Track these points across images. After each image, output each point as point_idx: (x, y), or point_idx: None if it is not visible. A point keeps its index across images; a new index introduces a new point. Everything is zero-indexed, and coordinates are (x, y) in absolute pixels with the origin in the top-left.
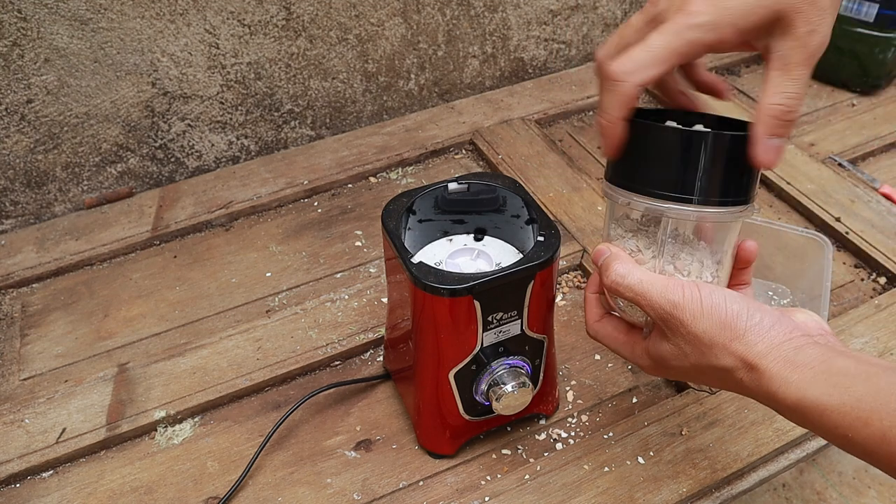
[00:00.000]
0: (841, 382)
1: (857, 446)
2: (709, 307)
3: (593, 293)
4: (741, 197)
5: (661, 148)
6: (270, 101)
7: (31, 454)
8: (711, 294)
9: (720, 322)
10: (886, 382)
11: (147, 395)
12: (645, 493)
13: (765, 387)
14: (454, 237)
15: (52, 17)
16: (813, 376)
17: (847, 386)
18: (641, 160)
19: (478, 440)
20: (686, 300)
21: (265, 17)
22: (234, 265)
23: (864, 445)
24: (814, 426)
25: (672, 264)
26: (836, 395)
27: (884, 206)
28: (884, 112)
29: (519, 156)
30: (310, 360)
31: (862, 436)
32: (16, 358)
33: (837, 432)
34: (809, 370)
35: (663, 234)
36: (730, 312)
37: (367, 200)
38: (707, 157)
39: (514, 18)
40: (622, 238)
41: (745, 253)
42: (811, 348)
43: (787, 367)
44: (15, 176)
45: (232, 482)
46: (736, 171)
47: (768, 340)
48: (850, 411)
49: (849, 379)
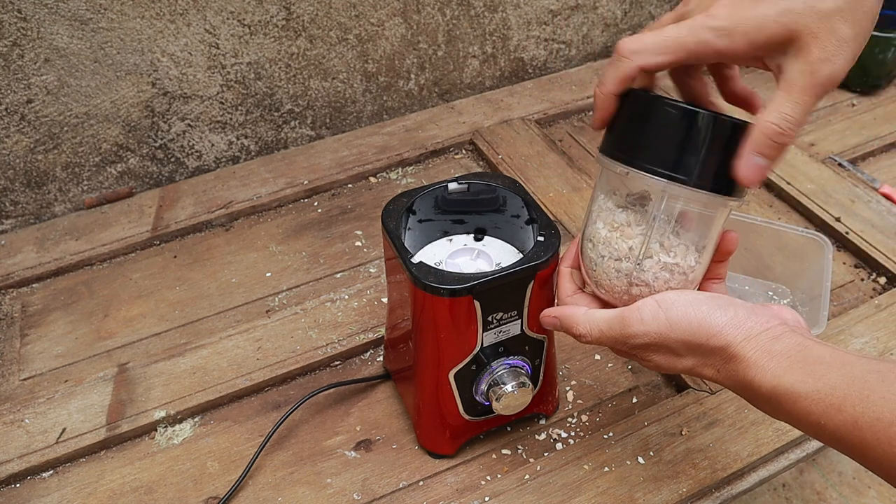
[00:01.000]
0: (816, 370)
1: (828, 433)
2: (675, 319)
3: (567, 267)
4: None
5: (664, 124)
6: (270, 101)
7: (31, 454)
8: (673, 305)
9: (690, 329)
10: (861, 370)
11: (147, 395)
12: (645, 493)
13: (741, 375)
14: (454, 237)
15: (52, 17)
16: (789, 364)
17: (822, 374)
18: (643, 134)
19: (478, 440)
20: (648, 324)
21: (265, 17)
22: (234, 265)
23: (836, 432)
24: (787, 414)
25: (659, 242)
26: (810, 382)
27: (884, 206)
28: (884, 112)
29: (519, 156)
30: (310, 360)
31: (834, 423)
32: (16, 358)
33: (810, 419)
34: (786, 358)
35: (656, 210)
36: (696, 317)
37: (367, 200)
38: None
39: (514, 18)
40: (611, 211)
41: (726, 243)
42: (788, 337)
43: (765, 356)
44: (15, 176)
45: (232, 482)
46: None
47: (745, 331)
48: (823, 398)
49: (824, 367)
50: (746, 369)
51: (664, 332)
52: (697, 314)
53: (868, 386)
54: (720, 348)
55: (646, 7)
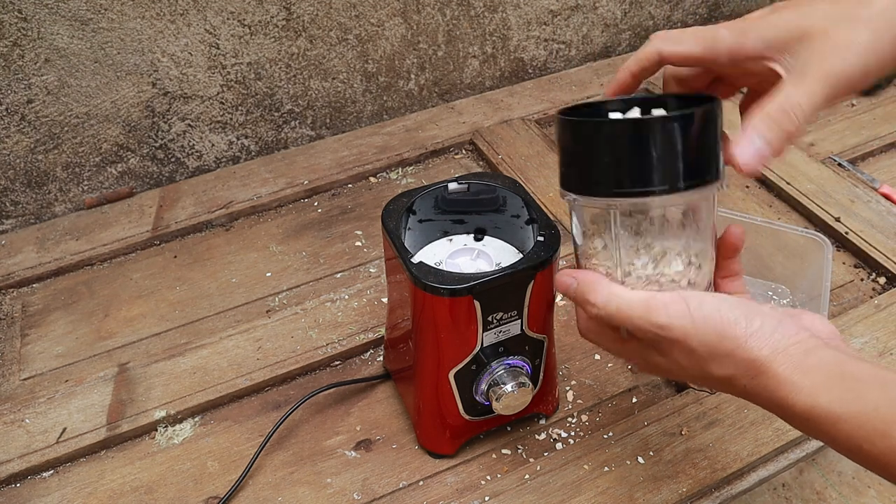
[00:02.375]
0: (855, 388)
1: (871, 459)
2: (700, 320)
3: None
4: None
5: (585, 145)
6: (270, 102)
7: (31, 454)
8: (701, 305)
9: (716, 333)
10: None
11: (147, 395)
12: (645, 493)
13: (772, 392)
14: (454, 237)
15: (52, 17)
16: (825, 381)
17: (862, 393)
18: (576, 160)
19: (478, 440)
20: (673, 319)
21: (265, 18)
22: (235, 265)
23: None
24: (825, 435)
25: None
26: (851, 401)
27: (883, 206)
28: (883, 112)
29: (519, 156)
30: (310, 360)
31: (879, 448)
32: (16, 358)
33: (851, 443)
34: (821, 374)
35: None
36: (725, 321)
37: (367, 200)
38: (629, 146)
39: (514, 18)
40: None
41: (731, 239)
42: (822, 351)
43: (797, 372)
44: (15, 176)
45: (232, 482)
46: (666, 155)
47: (773, 344)
48: (867, 421)
49: (863, 385)
50: (778, 386)
51: (689, 331)
52: (725, 319)
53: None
54: (747, 361)
55: (646, 7)
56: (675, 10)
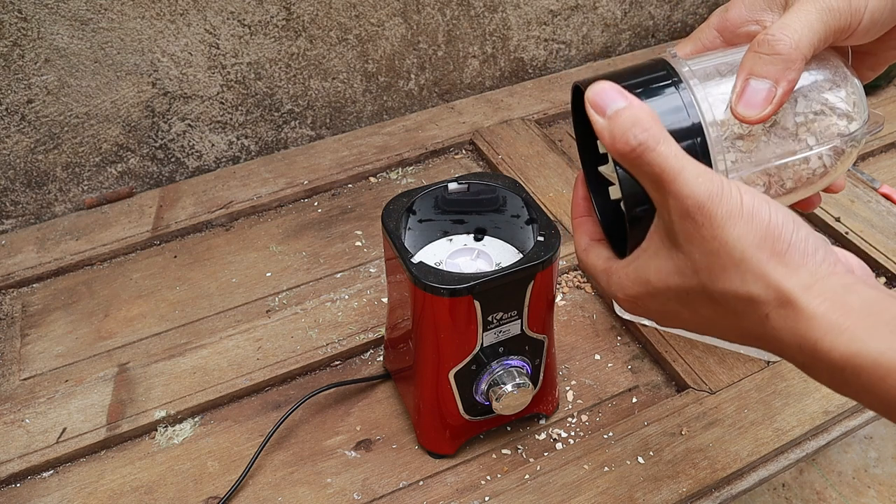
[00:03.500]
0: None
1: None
2: (749, 209)
3: (580, 217)
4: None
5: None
6: (270, 102)
7: (31, 454)
8: (754, 198)
9: (761, 229)
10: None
11: (147, 395)
12: (645, 493)
13: (802, 332)
14: (454, 237)
15: (52, 17)
16: (873, 325)
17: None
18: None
19: (478, 440)
20: (725, 193)
21: (265, 18)
22: (235, 265)
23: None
24: (865, 391)
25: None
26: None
27: (883, 206)
28: (883, 112)
29: (519, 156)
30: (310, 360)
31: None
32: (16, 358)
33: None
34: (867, 316)
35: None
36: (774, 221)
37: (367, 200)
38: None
39: (514, 18)
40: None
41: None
42: (864, 289)
43: (837, 310)
44: (15, 176)
45: (232, 482)
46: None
47: (813, 268)
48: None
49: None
50: (810, 324)
51: (732, 214)
52: (775, 217)
53: None
54: (778, 282)
55: (646, 7)
56: (675, 9)
